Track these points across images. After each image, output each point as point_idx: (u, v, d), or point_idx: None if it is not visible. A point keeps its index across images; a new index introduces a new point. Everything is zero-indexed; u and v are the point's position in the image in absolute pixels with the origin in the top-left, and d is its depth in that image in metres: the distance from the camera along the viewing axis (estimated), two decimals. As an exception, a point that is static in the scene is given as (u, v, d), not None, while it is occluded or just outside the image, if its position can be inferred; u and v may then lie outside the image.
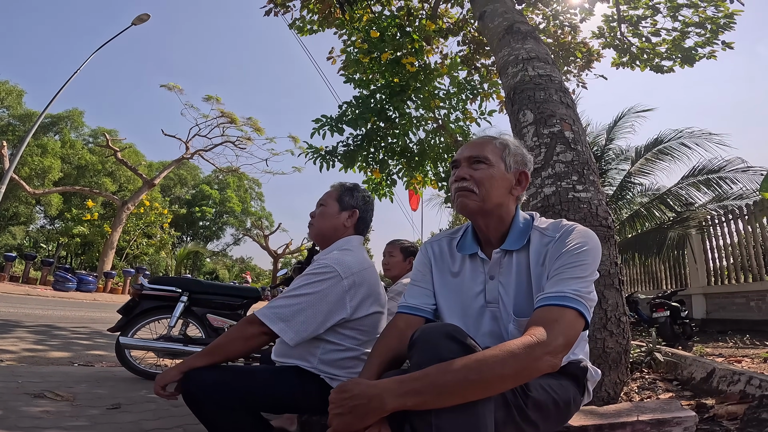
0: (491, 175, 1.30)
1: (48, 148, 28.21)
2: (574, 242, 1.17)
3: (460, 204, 1.31)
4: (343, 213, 1.77)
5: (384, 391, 0.91)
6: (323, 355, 1.56)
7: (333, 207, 1.77)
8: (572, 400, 1.22)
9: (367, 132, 5.97)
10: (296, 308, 1.47)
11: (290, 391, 1.49)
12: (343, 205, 1.77)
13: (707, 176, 7.65)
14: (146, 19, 14.62)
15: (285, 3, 7.20)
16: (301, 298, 1.48)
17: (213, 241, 43.50)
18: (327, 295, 1.50)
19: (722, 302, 7.49)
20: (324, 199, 1.82)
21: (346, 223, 1.76)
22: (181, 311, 3.52)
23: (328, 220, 1.76)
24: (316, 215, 1.80)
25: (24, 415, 2.21)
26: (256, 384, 1.45)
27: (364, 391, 0.92)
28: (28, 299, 10.88)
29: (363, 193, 1.84)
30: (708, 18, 6.14)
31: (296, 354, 1.58)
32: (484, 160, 1.31)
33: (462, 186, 1.30)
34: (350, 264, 1.59)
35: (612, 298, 2.29)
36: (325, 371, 1.55)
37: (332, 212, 1.76)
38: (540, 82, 3.02)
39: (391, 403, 0.90)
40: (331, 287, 1.51)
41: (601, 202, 2.52)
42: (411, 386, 0.90)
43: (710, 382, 2.44)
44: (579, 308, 1.05)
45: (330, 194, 1.82)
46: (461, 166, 1.34)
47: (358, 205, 1.80)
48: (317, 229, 1.78)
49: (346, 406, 0.91)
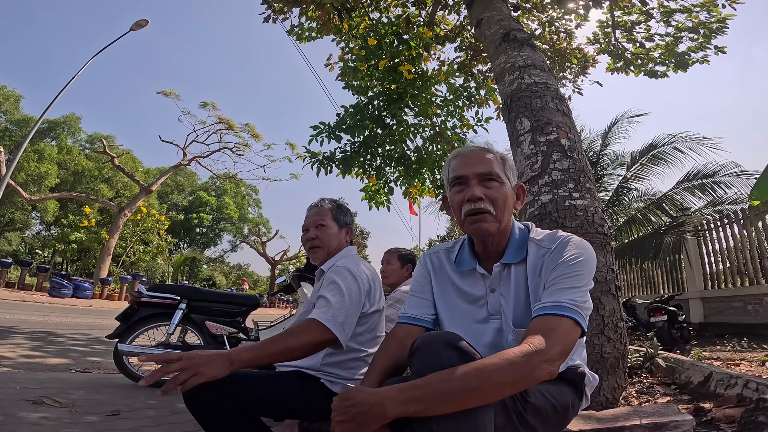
0: (505, 194, 1.27)
1: (45, 154, 28.11)
2: (570, 253, 1.18)
3: (478, 228, 1.25)
4: (342, 231, 1.93)
5: (385, 398, 0.92)
6: (329, 357, 1.61)
7: (333, 227, 1.90)
8: (570, 405, 1.23)
9: (364, 139, 6.00)
10: (345, 312, 1.55)
11: (291, 396, 1.51)
12: (340, 224, 1.92)
13: (702, 181, 7.68)
14: (144, 24, 14.64)
15: (283, 9, 7.22)
16: (344, 302, 1.57)
17: (210, 247, 43.44)
18: (357, 296, 1.62)
19: (719, 306, 7.52)
20: (321, 220, 1.89)
21: (345, 239, 1.94)
22: (179, 318, 3.52)
23: (334, 240, 1.89)
24: (318, 237, 1.87)
25: (23, 422, 2.21)
26: (257, 388, 1.45)
27: (365, 398, 0.92)
28: (24, 305, 10.82)
29: (347, 207, 2.01)
30: (701, 23, 6.21)
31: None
32: (497, 177, 1.27)
33: (479, 208, 1.24)
34: (363, 269, 1.74)
35: (609, 304, 2.31)
36: (328, 373, 1.59)
37: (335, 232, 1.90)
38: (536, 90, 3.05)
39: (392, 411, 0.90)
40: (357, 289, 1.64)
41: (597, 209, 2.54)
42: (412, 394, 0.91)
43: (708, 386, 2.45)
44: (575, 317, 1.07)
45: (325, 214, 1.91)
46: (471, 184, 1.27)
47: (351, 221, 1.98)
48: (326, 251, 1.87)
49: (348, 413, 0.92)
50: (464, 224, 1.28)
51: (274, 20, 7.33)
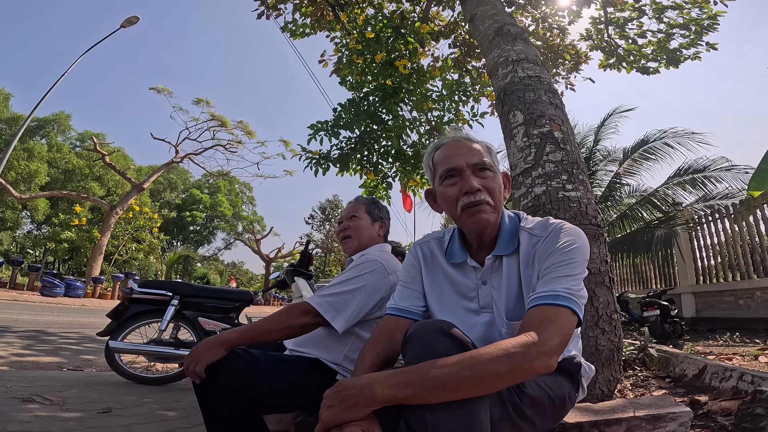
0: (499, 183, 1.26)
1: (34, 152, 27.79)
2: (563, 240, 1.15)
3: (478, 221, 1.21)
4: (375, 224, 1.93)
5: (375, 381, 0.90)
6: (350, 353, 1.60)
7: (366, 220, 1.91)
8: (567, 396, 1.21)
9: (360, 135, 5.97)
10: (347, 297, 1.55)
11: (295, 382, 1.49)
12: (373, 217, 1.93)
13: (693, 176, 7.72)
14: (135, 21, 14.50)
15: (277, 6, 7.19)
16: (352, 288, 1.57)
17: (204, 245, 43.25)
18: (375, 286, 1.61)
19: (711, 301, 7.57)
20: (355, 212, 1.92)
21: (379, 233, 1.93)
22: (172, 315, 3.48)
23: (366, 232, 1.90)
24: (350, 228, 1.89)
25: (12, 419, 2.18)
26: (263, 368, 1.44)
27: (354, 382, 0.91)
28: (16, 305, 10.71)
29: (383, 204, 2.02)
30: (692, 19, 6.25)
31: (320, 347, 1.61)
32: (489, 167, 1.25)
33: (479, 200, 1.20)
34: (394, 263, 1.71)
35: (603, 295, 2.31)
36: (347, 369, 1.58)
37: (367, 225, 1.91)
38: (529, 83, 3.05)
39: (381, 394, 0.88)
40: (380, 280, 1.62)
41: (591, 200, 2.54)
42: (402, 378, 0.89)
43: (702, 379, 2.46)
44: (572, 306, 1.05)
45: (359, 208, 1.93)
46: (465, 175, 1.23)
47: (386, 217, 1.98)
48: (357, 241, 1.88)
49: (337, 398, 0.90)
50: (461, 218, 1.24)
51: (267, 17, 7.30)
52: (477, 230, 1.25)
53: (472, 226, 1.24)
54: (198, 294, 3.67)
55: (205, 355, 1.34)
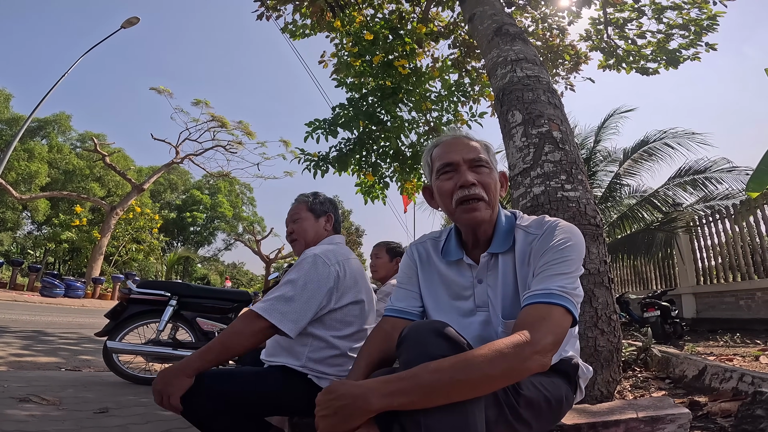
0: (495, 179, 1.25)
1: (35, 153, 27.80)
2: (558, 238, 1.14)
3: (473, 217, 1.21)
4: (320, 219, 1.88)
5: (369, 390, 0.88)
6: (312, 353, 1.57)
7: (309, 218, 1.87)
8: (564, 398, 1.20)
9: (359, 135, 5.96)
10: (289, 296, 1.49)
11: (276, 391, 1.49)
12: (316, 213, 1.88)
13: (693, 177, 7.71)
14: (135, 22, 14.50)
15: (277, 6, 7.18)
16: (293, 288, 1.51)
17: (204, 246, 43.18)
18: (317, 281, 1.55)
19: (712, 301, 7.55)
20: (296, 214, 1.88)
21: (326, 227, 1.89)
22: (170, 315, 3.47)
23: (311, 230, 1.85)
24: (295, 231, 1.86)
25: (9, 419, 2.17)
26: (241, 384, 1.43)
27: (348, 391, 0.89)
28: (15, 305, 10.71)
29: (326, 196, 1.95)
30: (691, 20, 6.24)
31: (284, 353, 1.59)
32: (486, 163, 1.24)
33: (473, 194, 1.20)
34: (336, 253, 1.67)
35: (602, 296, 2.30)
36: (314, 369, 1.55)
37: (311, 223, 1.86)
38: (528, 83, 3.04)
39: (376, 403, 0.87)
40: (320, 273, 1.57)
41: (590, 200, 2.53)
42: (397, 386, 0.88)
43: (702, 380, 2.45)
44: (566, 305, 1.03)
45: (300, 209, 1.89)
46: (461, 170, 1.23)
47: (330, 209, 1.92)
48: (304, 241, 1.84)
49: (331, 407, 0.89)
50: (455, 213, 1.24)
51: (267, 17, 7.29)
52: (471, 225, 1.24)
53: (467, 222, 1.23)
54: (196, 294, 3.66)
55: (173, 388, 1.31)
